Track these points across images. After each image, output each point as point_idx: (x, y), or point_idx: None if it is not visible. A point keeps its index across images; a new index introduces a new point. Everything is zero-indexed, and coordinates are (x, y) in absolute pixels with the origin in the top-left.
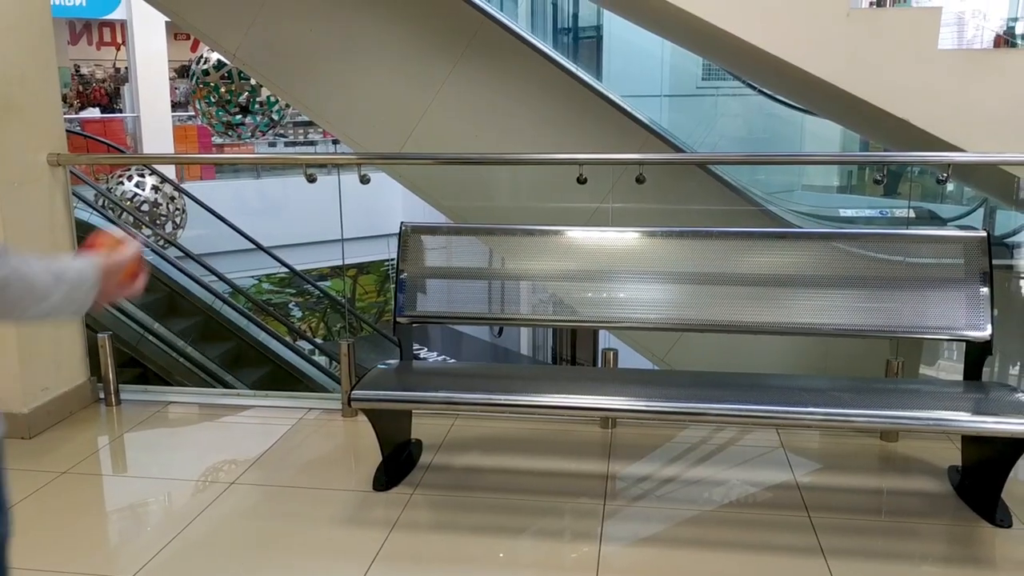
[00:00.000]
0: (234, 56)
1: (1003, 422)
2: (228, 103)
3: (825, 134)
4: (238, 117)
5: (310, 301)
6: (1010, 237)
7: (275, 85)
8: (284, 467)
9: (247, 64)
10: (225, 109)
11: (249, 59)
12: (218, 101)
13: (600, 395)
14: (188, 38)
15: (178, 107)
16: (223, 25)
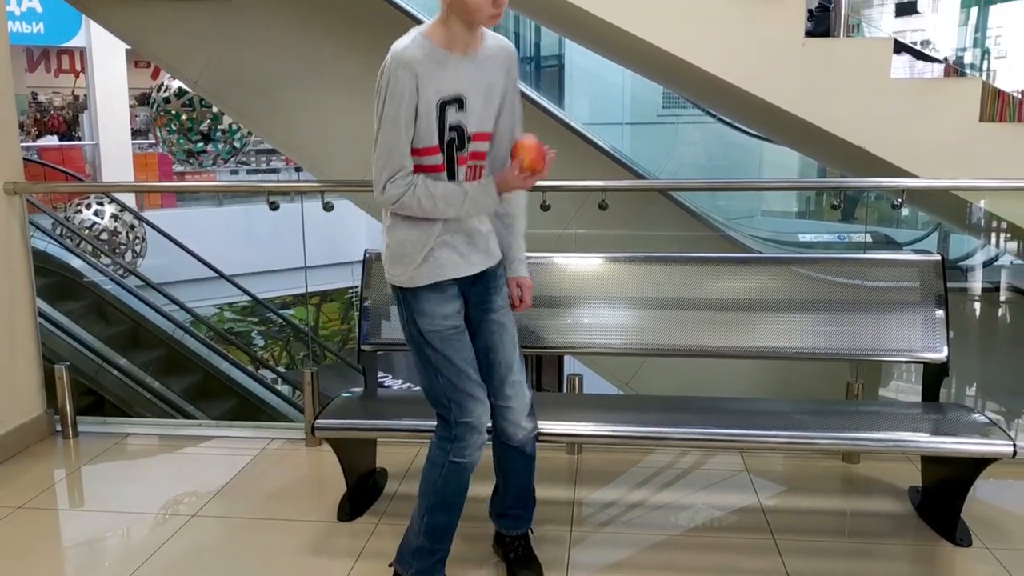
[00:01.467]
0: (196, 84)
1: (961, 442)
2: (190, 131)
3: (783, 161)
4: (200, 145)
5: (273, 329)
6: (963, 260)
7: (237, 113)
8: (247, 499)
9: (209, 92)
10: (186, 137)
11: (211, 87)
12: (179, 129)
13: (566, 421)
14: (149, 66)
15: (138, 135)
16: (185, 53)
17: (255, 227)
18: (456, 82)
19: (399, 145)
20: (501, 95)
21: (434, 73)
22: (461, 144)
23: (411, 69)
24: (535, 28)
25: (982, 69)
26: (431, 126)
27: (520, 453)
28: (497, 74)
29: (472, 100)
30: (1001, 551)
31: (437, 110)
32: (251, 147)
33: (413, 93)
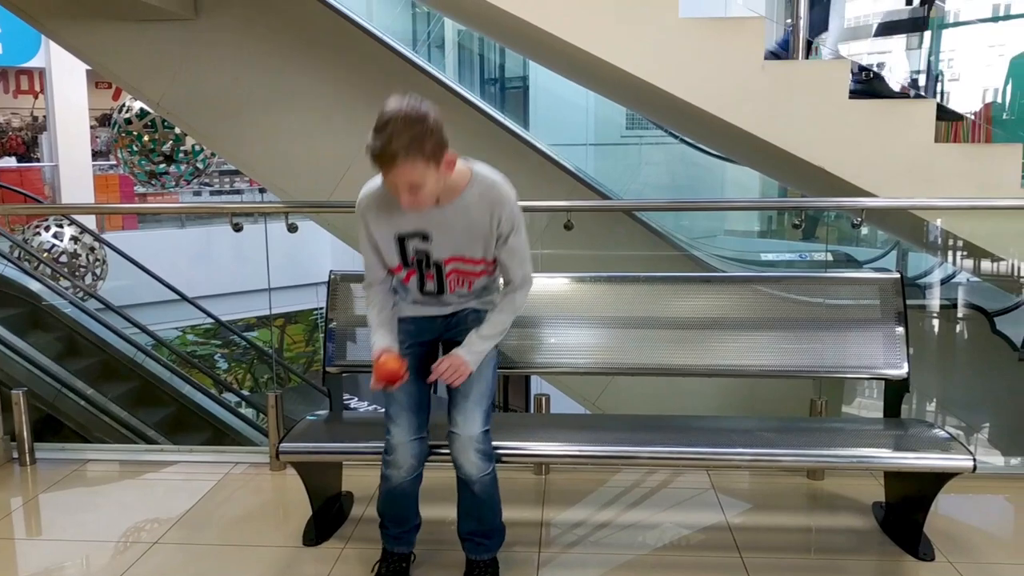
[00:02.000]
0: (158, 105)
1: (922, 457)
2: (151, 152)
3: (745, 181)
4: (162, 166)
5: (237, 352)
6: (922, 278)
7: (200, 134)
8: (210, 524)
9: (171, 113)
10: (148, 158)
11: (174, 108)
12: (141, 150)
13: (533, 441)
14: (110, 86)
15: (99, 156)
16: (147, 74)
17: (218, 249)
18: (418, 221)
19: (368, 263)
20: (488, 233)
21: (391, 215)
22: (428, 264)
23: (363, 214)
24: (500, 50)
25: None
26: (392, 253)
27: (468, 488)
28: (477, 217)
29: (439, 235)
30: (963, 564)
31: (396, 242)
32: (214, 168)
33: (368, 230)
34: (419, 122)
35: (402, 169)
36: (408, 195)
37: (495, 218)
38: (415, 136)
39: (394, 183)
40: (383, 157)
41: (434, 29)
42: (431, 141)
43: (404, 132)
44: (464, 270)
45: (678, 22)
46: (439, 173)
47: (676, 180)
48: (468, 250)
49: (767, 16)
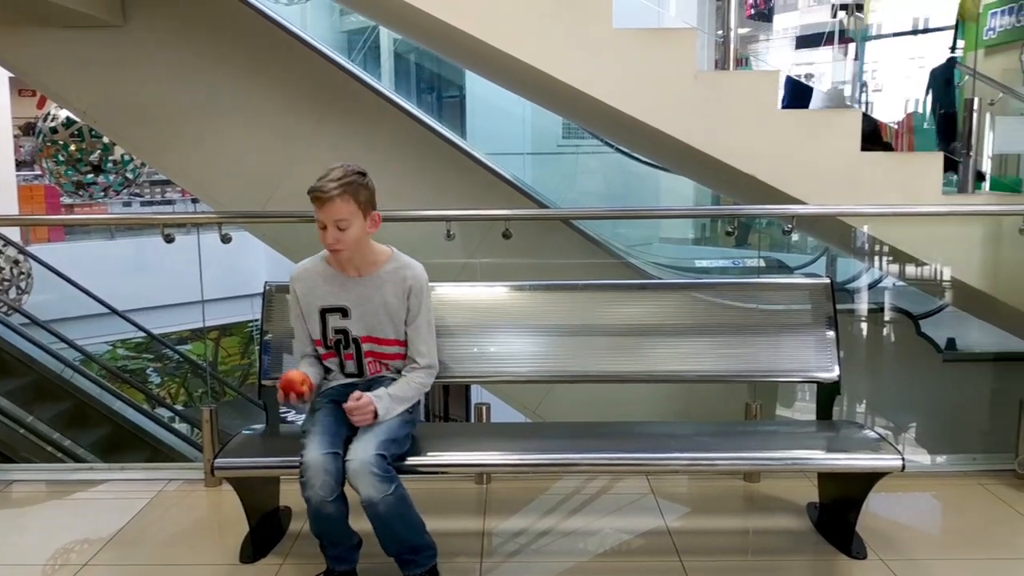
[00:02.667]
0: (85, 113)
1: (854, 458)
2: (79, 162)
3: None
4: (90, 176)
5: (170, 366)
6: (850, 283)
7: (129, 143)
8: (143, 544)
9: (99, 122)
10: (75, 168)
11: (101, 117)
12: (68, 160)
13: (474, 451)
14: (34, 94)
15: (23, 166)
16: (74, 82)
17: (149, 260)
18: (339, 296)
19: (297, 334)
20: (399, 308)
21: (319, 287)
22: (347, 344)
23: (294, 285)
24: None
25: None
26: (314, 325)
27: (375, 511)
28: (391, 292)
29: (356, 310)
30: (894, 562)
31: (319, 315)
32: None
33: (296, 301)
34: (358, 174)
35: (335, 205)
36: (335, 232)
37: (406, 292)
38: (352, 182)
39: (325, 219)
40: (321, 191)
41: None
42: (365, 193)
43: (344, 176)
44: (379, 352)
45: (612, 32)
46: (365, 224)
47: (612, 189)
48: (381, 329)
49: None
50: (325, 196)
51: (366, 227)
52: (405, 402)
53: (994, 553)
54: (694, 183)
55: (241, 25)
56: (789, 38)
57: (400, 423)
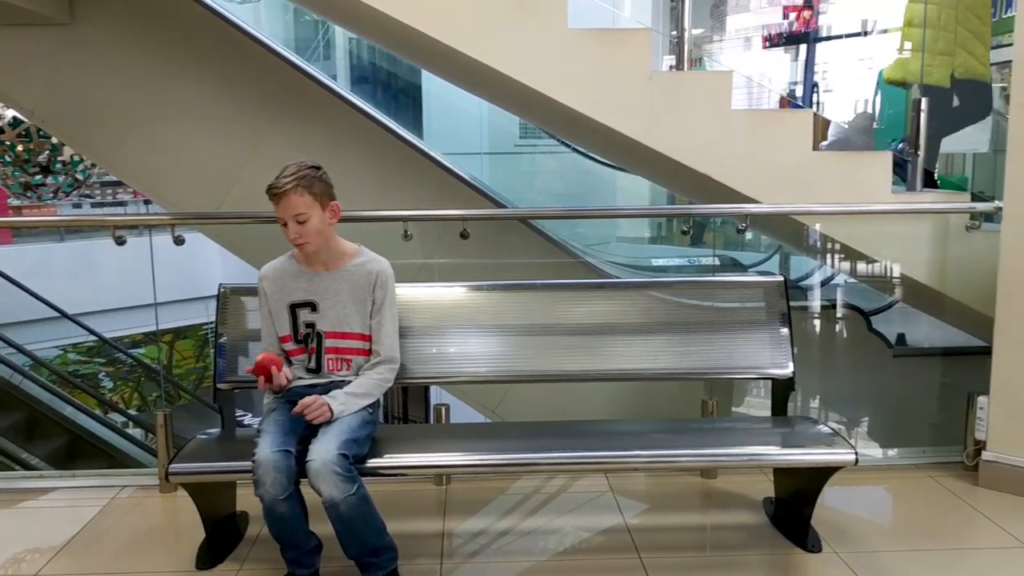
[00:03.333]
0: (32, 113)
1: (808, 453)
2: (26, 163)
3: (635, 189)
4: (38, 177)
5: (123, 370)
6: (803, 280)
7: (79, 143)
8: (96, 552)
9: (48, 122)
10: (23, 169)
11: (49, 116)
12: (15, 161)
13: (433, 452)
14: None
15: None
16: (20, 81)
17: (101, 263)
18: (308, 291)
19: (264, 332)
20: (366, 299)
21: (288, 283)
22: (313, 338)
23: (262, 282)
24: (392, 59)
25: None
26: (283, 321)
27: (336, 512)
28: (359, 284)
29: (325, 304)
30: (848, 554)
31: (288, 310)
32: (95, 179)
33: (265, 298)
34: (312, 168)
35: (291, 200)
36: (296, 227)
37: (373, 284)
38: (306, 176)
39: (283, 215)
40: (276, 187)
41: (325, 37)
42: (320, 184)
43: (298, 171)
44: (343, 347)
45: (567, 32)
46: (324, 216)
47: (570, 188)
48: (348, 323)
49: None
50: (280, 191)
51: (326, 218)
52: (364, 398)
53: (945, 544)
54: (650, 183)
55: (193, 23)
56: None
57: (360, 423)
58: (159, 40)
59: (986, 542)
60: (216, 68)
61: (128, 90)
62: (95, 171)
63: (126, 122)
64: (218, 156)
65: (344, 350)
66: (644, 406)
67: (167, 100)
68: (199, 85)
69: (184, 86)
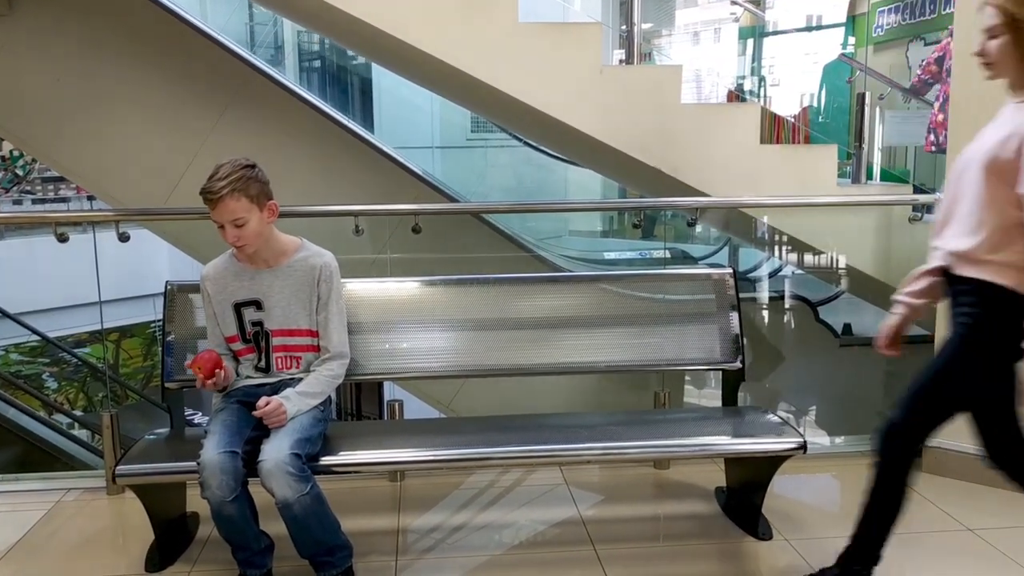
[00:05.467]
0: None
1: (758, 442)
2: None
3: (587, 183)
4: None
5: (67, 370)
6: (752, 272)
7: (18, 138)
8: (40, 557)
9: None
10: None
11: None
12: None
13: (387, 449)
14: None
15: None
16: None
17: (43, 261)
18: (251, 289)
19: (210, 333)
20: (311, 295)
21: (230, 283)
22: (262, 336)
23: (203, 284)
24: (342, 52)
25: (759, 95)
26: (228, 321)
27: (290, 512)
28: (302, 280)
29: (270, 302)
30: (798, 541)
31: (233, 310)
32: (36, 175)
33: (208, 299)
34: (246, 168)
35: (227, 204)
36: (233, 230)
37: (317, 278)
38: (240, 177)
39: (220, 220)
40: (211, 192)
41: (273, 30)
42: (255, 186)
43: (232, 174)
44: (291, 344)
45: (517, 26)
46: (262, 216)
47: (522, 182)
48: (294, 320)
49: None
50: (215, 196)
51: (264, 219)
52: (316, 396)
53: None
54: (602, 176)
55: (137, 15)
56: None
57: (313, 421)
58: (101, 32)
59: (931, 526)
60: (161, 60)
61: (69, 83)
62: (36, 167)
63: (67, 116)
64: (164, 150)
65: (292, 347)
66: (597, 399)
67: (111, 93)
68: (143, 78)
69: (128, 79)
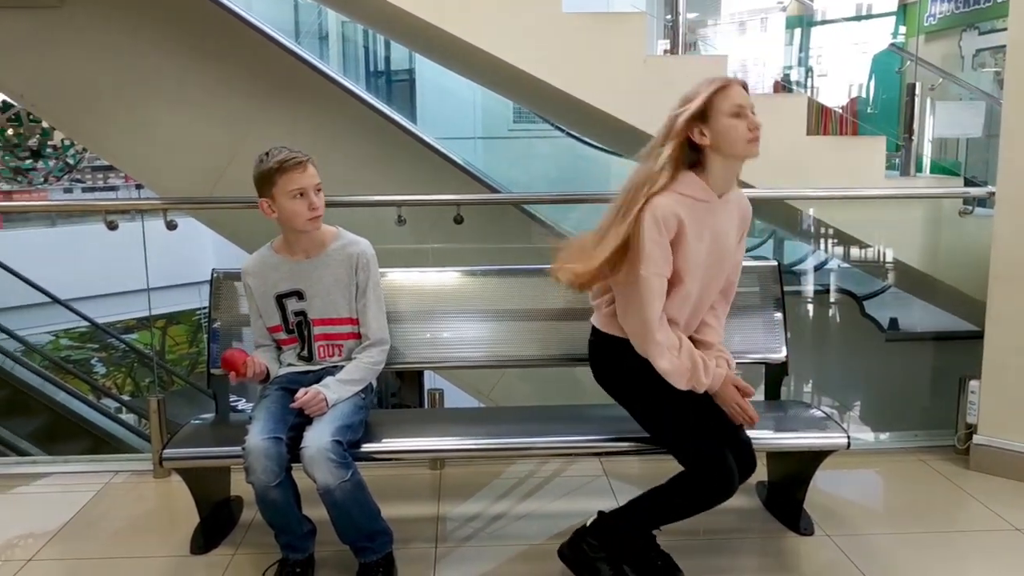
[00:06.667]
0: (22, 97)
1: (801, 437)
2: (16, 147)
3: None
4: (28, 162)
5: (115, 356)
6: (797, 265)
7: (69, 127)
8: (90, 537)
9: (38, 106)
10: (13, 153)
11: (40, 100)
12: (5, 145)
13: (428, 436)
14: None
15: None
16: (10, 65)
17: (92, 248)
18: (292, 280)
19: (254, 327)
20: (350, 283)
21: (271, 276)
22: (309, 326)
23: (245, 278)
24: (386, 42)
25: (806, 86)
26: (271, 313)
27: (331, 498)
28: (341, 268)
29: (311, 291)
30: (840, 537)
31: (275, 301)
32: (86, 164)
33: (250, 293)
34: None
35: (311, 168)
36: (313, 197)
37: (355, 266)
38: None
39: (307, 184)
40: (297, 158)
41: (318, 21)
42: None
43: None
44: (332, 333)
45: (561, 16)
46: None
47: (564, 173)
48: (335, 309)
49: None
50: (304, 159)
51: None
52: (356, 384)
53: (935, 527)
54: None
55: (184, 6)
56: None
57: (354, 409)
58: (150, 23)
59: (977, 525)
60: (208, 51)
61: (119, 73)
62: (86, 155)
63: (117, 106)
64: (210, 140)
65: (334, 335)
66: None
67: (158, 83)
68: (191, 68)
69: (176, 69)
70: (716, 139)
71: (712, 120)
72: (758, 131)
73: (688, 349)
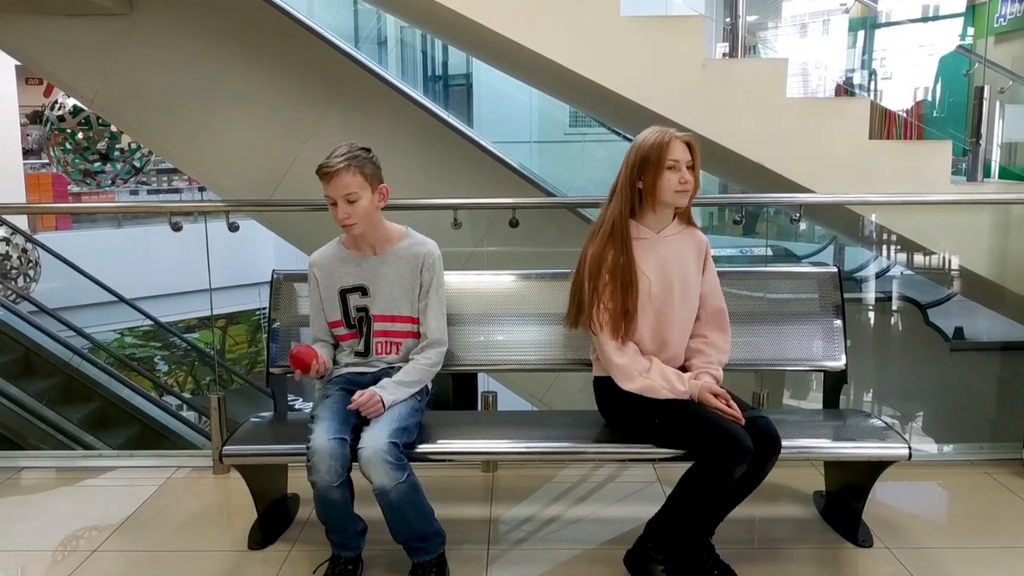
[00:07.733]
0: (92, 102)
1: (861, 447)
2: (86, 150)
3: None
4: (97, 164)
5: (177, 354)
6: (858, 272)
7: (136, 131)
8: (152, 530)
9: (106, 110)
10: (83, 156)
11: (108, 105)
12: (75, 148)
13: (482, 439)
14: (41, 83)
15: (31, 154)
16: (80, 71)
17: (157, 249)
18: (357, 276)
19: (313, 319)
20: (414, 282)
21: (337, 269)
22: (369, 322)
23: (312, 270)
24: (443, 47)
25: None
26: (333, 307)
27: (386, 499)
28: (407, 266)
29: (375, 288)
30: (900, 550)
31: (339, 296)
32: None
33: (315, 285)
34: (362, 149)
35: (343, 178)
36: (345, 206)
37: (420, 266)
38: (357, 156)
39: (334, 194)
40: (328, 167)
41: (376, 26)
42: (370, 166)
43: (348, 152)
44: (391, 330)
45: (619, 20)
46: (373, 198)
47: None
48: (397, 306)
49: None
50: (332, 169)
51: (375, 201)
52: (412, 386)
53: (999, 542)
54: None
55: (247, 12)
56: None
57: (410, 411)
58: (215, 30)
59: None
60: (269, 57)
61: (184, 79)
62: (152, 158)
63: (182, 110)
64: (271, 144)
65: (393, 333)
66: None
67: (221, 89)
68: (253, 73)
69: (238, 75)
70: (649, 187)
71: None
72: (688, 185)
73: (658, 367)
